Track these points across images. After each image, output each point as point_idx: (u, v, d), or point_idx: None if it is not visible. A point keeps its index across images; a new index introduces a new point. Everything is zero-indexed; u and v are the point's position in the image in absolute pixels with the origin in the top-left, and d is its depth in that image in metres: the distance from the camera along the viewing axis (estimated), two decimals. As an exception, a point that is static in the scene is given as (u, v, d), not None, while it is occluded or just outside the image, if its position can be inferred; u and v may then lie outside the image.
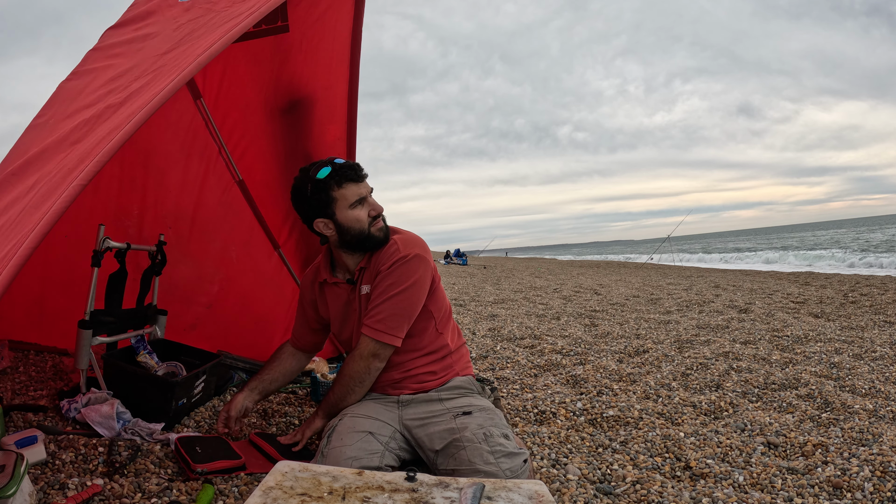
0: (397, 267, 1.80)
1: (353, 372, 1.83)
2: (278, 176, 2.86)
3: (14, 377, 2.49)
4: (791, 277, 11.57)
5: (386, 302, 1.80)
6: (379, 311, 1.80)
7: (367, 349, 1.81)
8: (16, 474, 1.33)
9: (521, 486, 1.30)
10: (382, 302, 1.80)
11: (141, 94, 1.30)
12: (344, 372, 1.86)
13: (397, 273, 1.80)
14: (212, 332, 3.06)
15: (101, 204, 2.55)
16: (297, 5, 2.28)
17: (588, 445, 2.28)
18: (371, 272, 1.87)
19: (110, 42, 1.73)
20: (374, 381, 1.87)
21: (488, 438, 1.63)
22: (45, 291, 2.77)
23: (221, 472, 1.76)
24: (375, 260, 1.86)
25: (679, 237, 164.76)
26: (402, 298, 1.80)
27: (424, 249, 1.87)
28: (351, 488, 1.28)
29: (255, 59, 2.47)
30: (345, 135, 2.77)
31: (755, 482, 1.93)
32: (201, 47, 1.32)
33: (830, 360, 3.65)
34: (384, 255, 1.84)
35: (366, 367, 1.82)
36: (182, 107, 2.54)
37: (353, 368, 1.83)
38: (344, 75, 2.62)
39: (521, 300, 8.11)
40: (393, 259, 1.81)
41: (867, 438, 2.26)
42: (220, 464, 1.77)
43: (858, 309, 6.17)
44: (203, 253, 2.96)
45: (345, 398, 1.86)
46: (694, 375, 3.38)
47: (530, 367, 3.67)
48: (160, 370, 2.29)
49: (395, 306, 1.79)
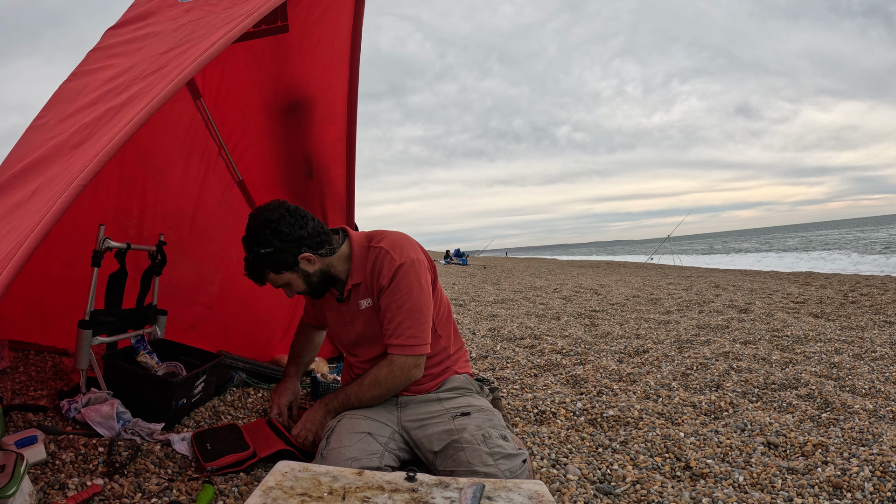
0: (400, 277, 1.77)
1: (392, 385, 1.81)
2: (278, 176, 2.86)
3: (14, 377, 2.49)
4: (791, 277, 11.57)
5: (406, 317, 1.77)
6: (405, 328, 1.77)
7: (407, 364, 1.79)
8: (16, 474, 1.33)
9: (521, 486, 1.30)
10: (403, 318, 1.77)
11: (141, 98, 1.30)
12: (379, 383, 1.81)
13: (403, 283, 1.77)
14: (212, 332, 3.06)
15: (101, 204, 2.55)
16: (297, 5, 2.28)
17: (588, 445, 2.28)
18: (367, 286, 1.85)
19: (110, 42, 1.73)
20: None
21: (487, 440, 1.63)
22: (45, 291, 2.77)
23: (232, 465, 1.78)
24: (371, 273, 1.83)
25: (679, 237, 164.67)
26: (418, 307, 1.78)
27: (415, 250, 1.84)
28: (351, 488, 1.28)
29: (255, 59, 2.47)
30: (344, 135, 2.77)
31: (755, 482, 1.93)
32: (201, 48, 1.32)
33: (830, 360, 3.65)
34: (379, 267, 1.81)
35: (406, 379, 1.82)
36: (182, 107, 2.54)
37: (391, 382, 1.81)
38: (344, 75, 2.61)
39: (521, 300, 8.11)
40: (391, 270, 1.78)
41: (867, 438, 2.25)
42: (230, 458, 1.79)
43: (858, 309, 6.17)
44: (203, 253, 2.96)
45: (371, 405, 1.85)
46: (694, 375, 3.38)
47: (530, 367, 3.66)
48: (160, 370, 2.29)
49: (416, 316, 1.78)
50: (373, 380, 1.82)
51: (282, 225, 1.73)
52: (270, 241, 1.72)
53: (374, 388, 1.82)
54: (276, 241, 1.72)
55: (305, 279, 1.81)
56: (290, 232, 1.73)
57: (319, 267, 1.81)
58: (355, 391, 1.85)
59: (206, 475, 1.72)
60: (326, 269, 1.83)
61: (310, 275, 1.81)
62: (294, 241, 1.74)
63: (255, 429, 1.99)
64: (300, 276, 1.80)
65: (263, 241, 1.73)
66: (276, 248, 1.73)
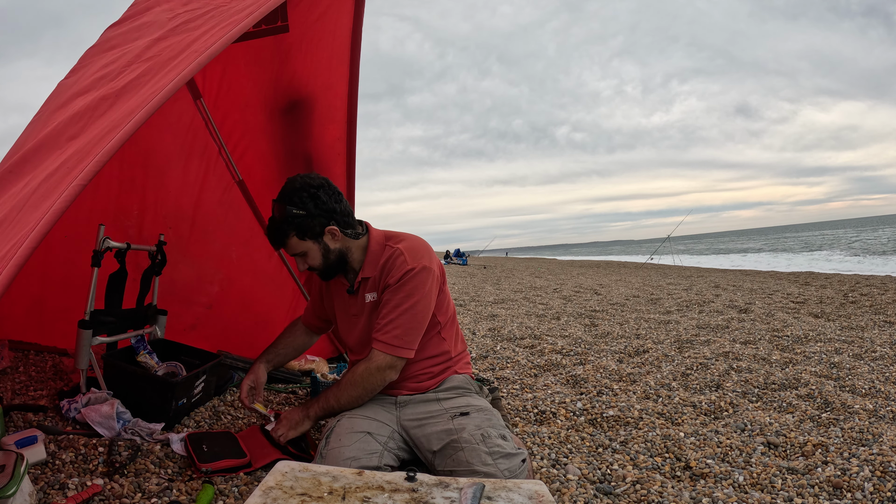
0: (407, 280, 1.78)
1: (368, 384, 1.81)
2: (278, 176, 2.85)
3: (14, 377, 2.49)
4: (791, 277, 11.57)
5: (399, 317, 1.78)
6: (393, 326, 1.78)
7: (384, 362, 1.79)
8: (16, 474, 1.33)
9: (521, 486, 1.30)
10: (396, 317, 1.78)
11: (136, 87, 1.29)
12: (355, 382, 1.82)
13: (408, 287, 1.78)
14: (212, 332, 3.06)
15: (101, 204, 2.54)
16: (297, 5, 2.28)
17: (588, 445, 2.28)
18: (376, 281, 1.86)
19: (107, 37, 1.73)
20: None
21: (486, 439, 1.63)
22: (45, 291, 2.76)
23: (227, 470, 1.77)
24: (382, 270, 1.84)
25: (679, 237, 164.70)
26: (414, 312, 1.78)
27: (431, 258, 1.85)
28: (351, 488, 1.28)
29: (255, 59, 2.47)
30: (344, 135, 2.77)
31: (755, 482, 1.93)
32: (201, 46, 1.32)
33: (830, 360, 3.65)
34: (391, 266, 1.82)
35: (381, 379, 1.81)
36: (182, 107, 2.54)
37: (367, 381, 1.81)
38: (344, 75, 2.61)
39: (521, 300, 8.11)
40: (402, 271, 1.79)
41: (867, 438, 2.25)
42: (226, 462, 1.78)
43: (858, 309, 6.17)
44: (203, 253, 2.96)
45: (350, 406, 1.85)
46: (694, 375, 3.38)
47: (530, 367, 3.66)
48: (160, 370, 2.29)
49: (409, 321, 1.78)
50: (350, 377, 1.83)
51: (320, 192, 1.77)
52: (306, 203, 1.75)
53: (351, 387, 1.82)
54: (311, 205, 1.75)
55: (324, 253, 1.82)
56: (326, 201, 1.77)
57: (339, 246, 1.84)
58: (334, 393, 1.85)
59: (199, 476, 1.72)
60: (345, 251, 1.85)
61: (329, 251, 1.82)
62: (327, 212, 1.78)
63: (250, 437, 1.98)
64: (320, 248, 1.81)
65: (299, 201, 1.75)
66: (308, 213, 1.75)
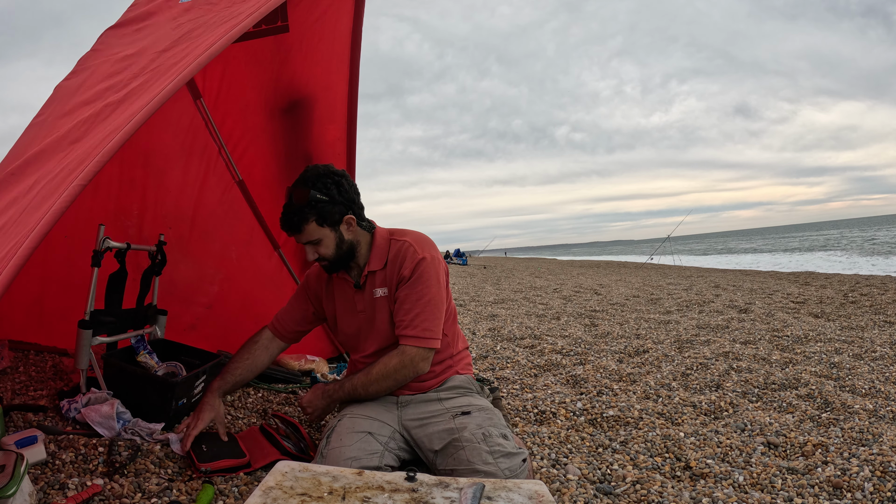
0: (423, 270, 1.80)
1: (400, 376, 1.82)
2: (278, 176, 2.86)
3: (14, 377, 2.49)
4: (791, 277, 11.57)
5: (424, 310, 1.79)
6: (421, 319, 1.79)
7: (418, 355, 1.80)
8: (16, 474, 1.33)
9: (521, 486, 1.30)
10: (421, 310, 1.79)
11: (140, 94, 1.29)
12: (388, 374, 1.82)
13: (425, 276, 1.80)
14: (212, 333, 3.06)
15: (101, 204, 2.54)
16: (297, 5, 2.28)
17: (588, 445, 2.28)
18: (385, 276, 1.87)
19: (108, 41, 1.73)
20: None
21: (487, 438, 1.63)
22: (45, 291, 2.76)
23: (226, 470, 1.77)
24: (391, 263, 1.86)
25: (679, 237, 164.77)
26: (435, 301, 1.81)
27: (436, 250, 1.90)
28: (351, 488, 1.28)
29: (255, 59, 2.47)
30: (344, 135, 2.77)
31: (755, 482, 1.93)
32: (201, 47, 1.32)
33: (830, 360, 3.65)
34: (402, 258, 1.84)
35: (414, 372, 1.82)
36: (182, 107, 2.54)
37: (400, 373, 1.81)
38: (344, 75, 2.61)
39: (521, 300, 8.11)
40: (414, 261, 1.81)
41: (867, 438, 2.25)
42: (225, 462, 1.77)
43: (858, 309, 6.17)
44: (203, 253, 2.96)
45: (376, 397, 1.87)
46: (694, 375, 3.38)
47: (530, 367, 3.67)
48: (160, 370, 2.29)
49: (432, 311, 1.80)
50: (382, 370, 1.82)
51: (343, 180, 1.81)
52: (330, 189, 1.77)
53: (384, 379, 1.83)
54: (334, 191, 1.78)
55: (338, 242, 1.83)
56: (348, 190, 1.82)
57: (352, 238, 1.85)
58: (363, 381, 1.85)
59: (199, 475, 1.72)
60: (355, 244, 1.87)
61: (343, 241, 1.83)
62: (348, 201, 1.81)
63: (250, 437, 1.98)
64: (336, 237, 1.82)
65: (323, 187, 1.77)
66: (331, 199, 1.77)
